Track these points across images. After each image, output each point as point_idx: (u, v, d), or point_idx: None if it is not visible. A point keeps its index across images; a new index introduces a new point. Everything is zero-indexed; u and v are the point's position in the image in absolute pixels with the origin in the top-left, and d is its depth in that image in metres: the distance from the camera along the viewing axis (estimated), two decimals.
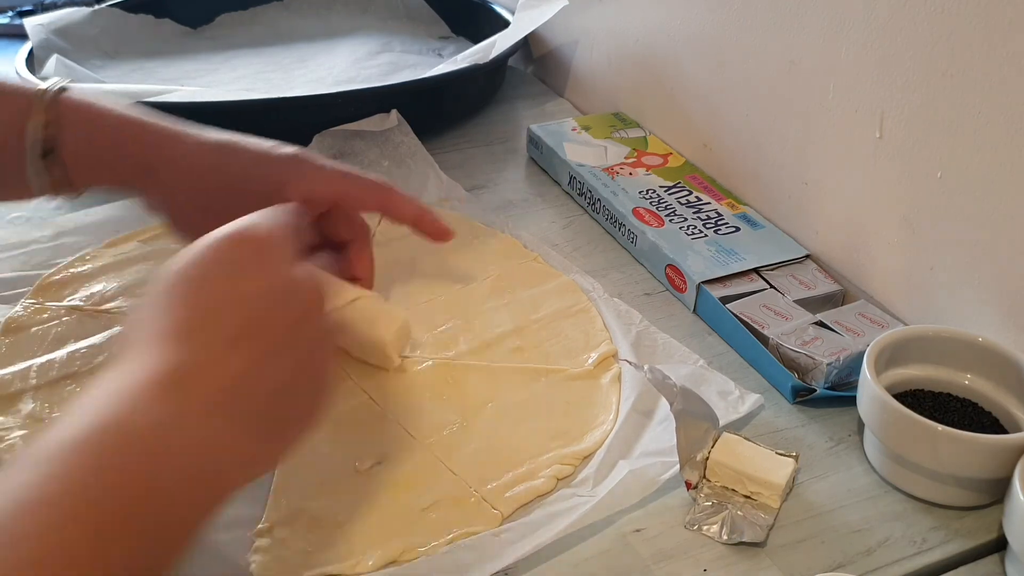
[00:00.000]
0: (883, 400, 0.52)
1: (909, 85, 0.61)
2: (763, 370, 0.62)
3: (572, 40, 1.00)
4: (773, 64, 0.72)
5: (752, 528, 0.50)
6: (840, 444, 0.57)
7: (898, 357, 0.57)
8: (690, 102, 0.83)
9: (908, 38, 0.60)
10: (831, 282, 0.68)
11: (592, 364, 0.62)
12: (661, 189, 0.78)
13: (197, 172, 0.55)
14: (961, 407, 0.56)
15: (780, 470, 0.52)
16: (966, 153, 0.58)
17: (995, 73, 0.55)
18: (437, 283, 0.69)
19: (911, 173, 0.62)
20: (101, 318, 0.64)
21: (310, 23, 1.17)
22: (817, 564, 0.49)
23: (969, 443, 0.50)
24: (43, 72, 0.90)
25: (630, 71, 0.91)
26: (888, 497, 0.54)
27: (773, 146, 0.74)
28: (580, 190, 0.80)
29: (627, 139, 0.86)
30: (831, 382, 0.60)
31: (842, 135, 0.67)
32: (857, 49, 0.64)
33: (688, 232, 0.72)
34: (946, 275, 0.62)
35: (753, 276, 0.68)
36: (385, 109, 0.86)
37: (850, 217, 0.68)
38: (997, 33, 0.54)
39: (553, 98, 1.02)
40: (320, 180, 0.55)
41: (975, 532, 0.52)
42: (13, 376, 0.58)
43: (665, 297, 0.70)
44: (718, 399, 0.58)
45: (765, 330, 0.62)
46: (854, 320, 0.63)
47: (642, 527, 0.51)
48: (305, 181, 0.54)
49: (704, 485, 0.53)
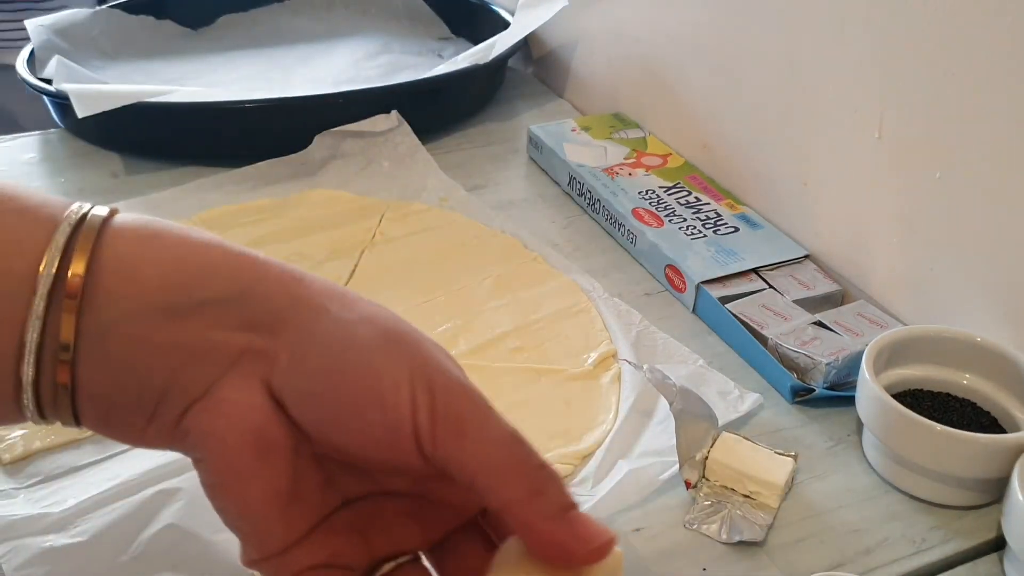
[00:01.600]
0: (882, 400, 0.52)
1: (908, 85, 0.61)
2: (762, 370, 0.62)
3: (572, 41, 1.00)
4: (773, 64, 0.72)
5: (751, 527, 0.50)
6: (839, 444, 0.57)
7: (897, 357, 0.57)
8: (690, 102, 0.83)
9: (908, 38, 0.60)
10: (830, 282, 0.68)
11: (592, 364, 0.62)
12: (660, 189, 0.78)
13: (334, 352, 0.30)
14: (960, 407, 0.56)
15: (779, 470, 0.52)
16: (965, 153, 0.58)
17: (995, 73, 0.55)
18: (437, 283, 0.69)
19: (910, 173, 0.62)
20: None
21: (310, 24, 1.17)
22: (816, 563, 0.49)
23: (968, 443, 0.51)
24: (44, 72, 0.90)
25: (630, 72, 0.91)
26: (887, 497, 0.54)
27: (772, 146, 0.74)
28: (580, 190, 0.80)
29: (627, 139, 0.86)
30: (830, 382, 0.60)
31: (841, 135, 0.67)
32: (857, 49, 0.64)
33: (687, 232, 0.72)
34: (945, 275, 0.62)
35: (752, 276, 0.68)
36: (385, 110, 0.86)
37: (849, 217, 0.68)
38: (997, 33, 0.54)
39: (553, 99, 1.02)
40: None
41: (974, 532, 0.52)
42: None
43: (665, 297, 0.70)
44: (717, 399, 0.58)
45: (764, 330, 0.63)
46: (853, 320, 0.63)
47: (641, 526, 0.51)
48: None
49: (703, 485, 0.53)
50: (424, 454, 0.29)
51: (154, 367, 0.29)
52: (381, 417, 0.29)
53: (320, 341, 0.29)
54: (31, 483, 0.52)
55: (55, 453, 0.54)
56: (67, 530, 0.49)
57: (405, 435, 0.29)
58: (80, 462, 0.54)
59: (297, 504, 0.30)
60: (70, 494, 0.51)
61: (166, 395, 0.29)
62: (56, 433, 0.55)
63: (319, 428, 0.30)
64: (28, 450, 0.54)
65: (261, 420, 0.29)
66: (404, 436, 0.29)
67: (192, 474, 0.31)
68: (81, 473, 0.53)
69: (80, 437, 0.55)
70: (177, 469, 0.51)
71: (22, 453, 0.54)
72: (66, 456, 0.54)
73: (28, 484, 0.52)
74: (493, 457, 0.28)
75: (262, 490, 0.30)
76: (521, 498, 0.28)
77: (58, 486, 0.52)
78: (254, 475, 0.29)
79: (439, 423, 0.29)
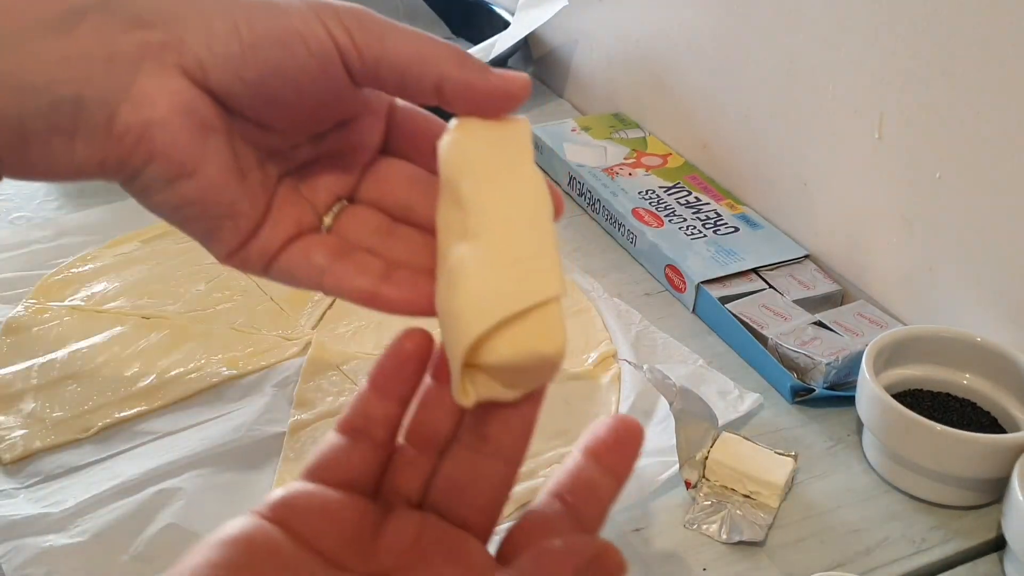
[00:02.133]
0: (882, 400, 0.52)
1: (908, 86, 0.61)
2: (762, 370, 0.62)
3: (572, 41, 1.00)
4: (773, 65, 0.72)
5: (751, 527, 0.50)
6: (839, 444, 0.57)
7: (897, 357, 0.57)
8: (690, 102, 0.83)
9: (907, 39, 0.60)
10: (830, 282, 0.68)
11: (592, 364, 0.62)
12: (660, 189, 0.78)
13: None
14: (960, 407, 0.56)
15: (779, 469, 0.52)
16: (965, 153, 0.58)
17: (994, 74, 0.55)
18: None
19: (910, 173, 0.62)
20: (102, 318, 0.64)
21: None
22: (816, 563, 0.49)
23: (968, 443, 0.51)
24: None
25: (630, 72, 0.91)
26: (887, 497, 0.54)
27: (772, 146, 0.74)
28: (580, 190, 0.80)
29: (627, 139, 0.86)
30: (830, 382, 0.60)
31: (841, 136, 0.67)
32: (857, 50, 0.64)
33: (687, 232, 0.72)
34: (945, 275, 0.62)
35: (752, 276, 0.68)
36: None
37: (849, 217, 0.68)
38: (996, 34, 0.54)
39: (553, 98, 1.02)
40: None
41: (974, 531, 0.52)
42: (14, 376, 0.58)
43: (664, 297, 0.70)
44: (717, 399, 0.58)
45: (764, 330, 0.63)
46: (853, 320, 0.63)
47: (641, 526, 0.51)
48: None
49: (703, 484, 0.53)
50: (353, 71, 0.32)
51: (55, 81, 0.30)
52: (306, 49, 0.31)
53: (216, 11, 0.31)
54: (31, 483, 0.52)
55: (55, 453, 0.54)
56: (67, 530, 0.49)
57: (333, 60, 0.31)
58: (80, 462, 0.54)
59: (247, 179, 0.33)
60: (70, 494, 0.51)
61: (81, 107, 0.30)
62: (56, 433, 0.55)
63: (250, 90, 0.31)
64: (28, 449, 0.54)
65: (191, 100, 0.31)
66: (332, 61, 0.31)
67: (192, 474, 0.31)
68: (81, 473, 0.53)
69: (80, 437, 0.55)
70: (177, 469, 0.51)
71: (22, 453, 0.54)
72: (66, 456, 0.54)
73: (28, 484, 0.52)
74: (416, 45, 0.32)
75: (217, 166, 0.31)
76: (453, 67, 0.32)
77: (58, 486, 0.52)
78: (205, 153, 0.31)
79: (357, 36, 0.31)
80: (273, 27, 0.31)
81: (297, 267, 0.34)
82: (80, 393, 0.58)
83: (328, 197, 0.35)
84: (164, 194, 0.31)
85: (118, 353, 0.61)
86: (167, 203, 0.32)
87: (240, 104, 0.32)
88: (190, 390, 0.58)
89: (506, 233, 0.30)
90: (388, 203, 0.36)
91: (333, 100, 0.33)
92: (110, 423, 0.56)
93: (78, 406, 0.57)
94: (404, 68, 0.32)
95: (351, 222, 0.35)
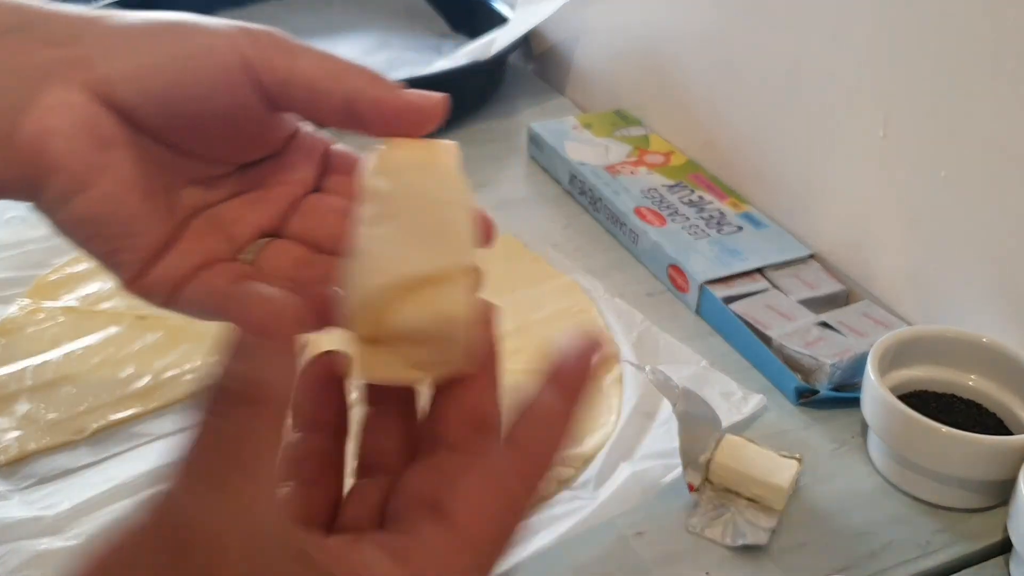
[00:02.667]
0: (887, 401, 0.52)
1: (913, 84, 0.60)
2: (766, 371, 0.61)
3: (573, 37, 0.99)
4: (777, 62, 0.71)
5: (755, 531, 0.50)
6: (844, 446, 0.57)
7: (902, 358, 0.57)
8: (693, 100, 0.82)
9: (913, 37, 0.59)
10: (835, 282, 0.68)
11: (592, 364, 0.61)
12: (663, 188, 0.77)
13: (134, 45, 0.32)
14: (965, 408, 0.56)
15: (783, 472, 0.52)
16: (971, 152, 0.58)
17: (999, 73, 0.54)
18: None
19: (915, 172, 0.62)
20: (97, 318, 0.63)
21: (308, 20, 1.16)
22: (821, 567, 0.49)
23: (974, 444, 0.50)
24: None
25: (632, 69, 0.90)
26: (892, 499, 0.53)
27: (776, 145, 0.74)
28: (581, 189, 0.80)
29: (629, 137, 0.85)
30: (835, 383, 0.59)
31: (846, 134, 0.67)
32: (862, 47, 0.64)
33: (690, 232, 0.72)
34: (950, 275, 0.61)
35: (756, 276, 0.68)
36: None
37: (854, 217, 0.68)
38: (1001, 32, 0.54)
39: (554, 96, 1.01)
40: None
41: (980, 534, 0.51)
42: (8, 377, 0.58)
43: (667, 297, 0.70)
44: (721, 400, 0.58)
45: (768, 331, 0.62)
46: (858, 320, 0.63)
47: (644, 530, 0.51)
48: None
49: (707, 487, 0.52)
50: (263, 84, 0.31)
51: None
52: (211, 61, 0.31)
53: (126, 31, 0.31)
54: (26, 485, 0.52)
55: (50, 455, 0.54)
56: (62, 533, 0.49)
57: (239, 73, 0.31)
58: (75, 464, 0.53)
59: (151, 200, 0.32)
60: (65, 497, 0.51)
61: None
62: (51, 435, 0.54)
63: (157, 106, 0.31)
64: (23, 452, 0.53)
65: (93, 115, 0.31)
66: (238, 74, 0.31)
67: None
68: (76, 475, 0.53)
69: (75, 439, 0.54)
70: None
71: (17, 455, 0.53)
72: (61, 458, 0.53)
73: (23, 486, 0.52)
74: (327, 64, 0.32)
75: (114, 181, 0.31)
76: (365, 83, 0.32)
77: (53, 488, 0.52)
78: (103, 166, 0.31)
79: (266, 51, 0.31)
80: (180, 41, 0.31)
81: (201, 295, 0.33)
82: (75, 395, 0.57)
83: (252, 231, 0.35)
84: (64, 211, 0.31)
85: (113, 354, 0.60)
86: (68, 221, 0.31)
87: (148, 120, 0.32)
88: (186, 392, 0.58)
89: (417, 216, 0.29)
90: (317, 235, 0.35)
91: (246, 122, 0.33)
92: (105, 425, 0.55)
93: (73, 408, 0.56)
94: (314, 84, 0.31)
95: (271, 255, 0.35)
